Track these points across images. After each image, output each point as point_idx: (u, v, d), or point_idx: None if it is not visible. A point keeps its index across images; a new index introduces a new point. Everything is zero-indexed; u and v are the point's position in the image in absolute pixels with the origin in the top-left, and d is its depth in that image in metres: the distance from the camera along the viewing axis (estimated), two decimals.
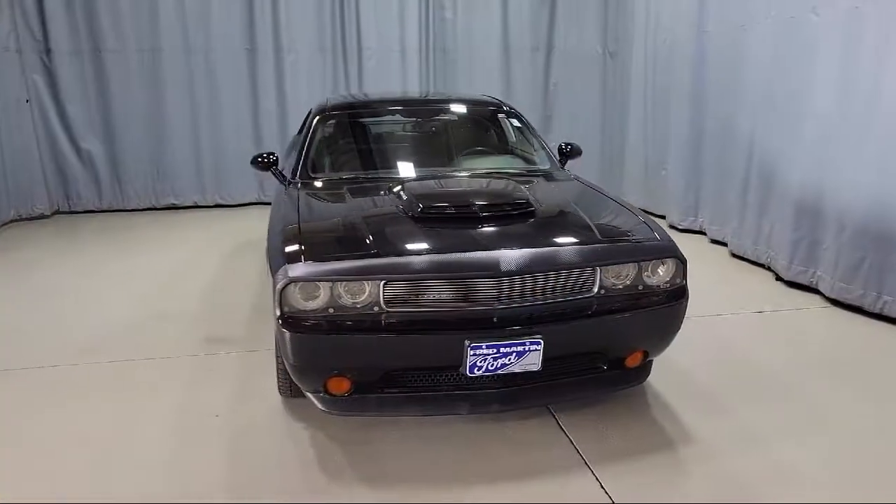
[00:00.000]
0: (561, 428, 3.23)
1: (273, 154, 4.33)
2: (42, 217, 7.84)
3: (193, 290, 5.28)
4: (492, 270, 2.89)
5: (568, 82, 8.68)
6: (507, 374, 2.95)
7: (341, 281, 2.87)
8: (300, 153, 4.27)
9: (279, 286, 2.84)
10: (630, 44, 7.75)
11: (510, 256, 2.93)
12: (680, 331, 3.24)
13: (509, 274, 2.89)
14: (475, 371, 2.90)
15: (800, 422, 3.31)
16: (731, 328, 4.44)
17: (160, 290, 5.30)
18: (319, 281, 2.86)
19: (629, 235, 3.26)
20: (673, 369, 3.78)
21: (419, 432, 3.22)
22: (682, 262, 3.18)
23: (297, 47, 8.24)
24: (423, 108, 4.89)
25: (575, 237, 3.17)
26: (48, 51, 7.66)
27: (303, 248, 2.99)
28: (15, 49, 7.46)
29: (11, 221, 7.53)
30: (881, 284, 4.38)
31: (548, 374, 3.05)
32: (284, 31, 8.15)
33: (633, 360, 3.22)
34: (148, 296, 5.18)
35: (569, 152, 4.66)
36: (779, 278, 5.31)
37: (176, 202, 8.40)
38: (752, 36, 5.63)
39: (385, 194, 3.70)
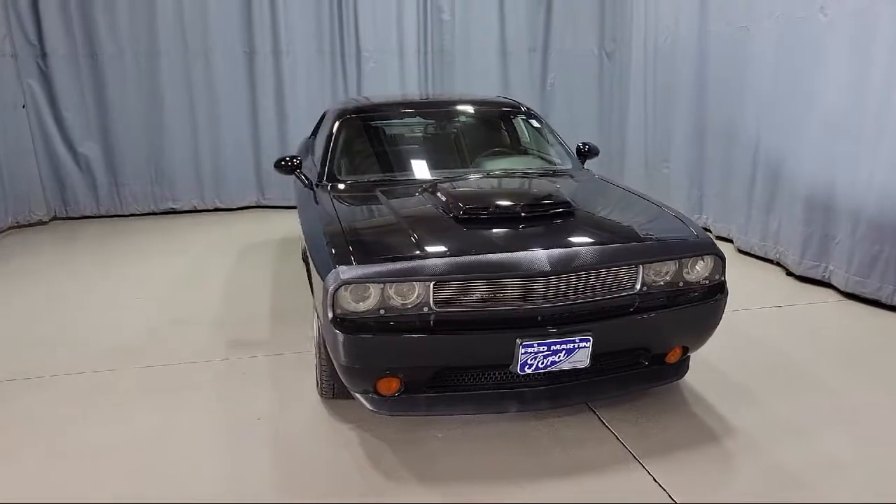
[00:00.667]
0: (604, 424, 3.28)
1: (296, 157, 4.33)
2: (40, 223, 7.72)
3: (206, 295, 5.25)
4: (539, 269, 2.92)
5: (565, 82, 8.74)
6: (555, 371, 2.99)
7: (393, 282, 2.89)
8: (326, 156, 4.27)
9: (331, 288, 2.85)
10: (628, 44, 7.83)
11: (557, 255, 2.97)
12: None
13: (556, 273, 2.93)
14: (525, 369, 2.94)
15: (834, 414, 3.39)
16: (751, 323, 4.52)
17: (172, 296, 5.27)
18: (371, 282, 2.88)
19: (668, 233, 3.31)
20: (701, 364, 3.84)
21: (465, 431, 3.24)
22: (720, 258, 3.24)
23: (296, 49, 8.20)
24: (444, 110, 4.91)
25: (617, 235, 3.22)
26: (44, 55, 7.56)
27: (351, 250, 3.01)
28: (10, 54, 7.35)
29: (10, 228, 7.41)
30: None
31: (593, 371, 3.10)
32: (283, 33, 8.11)
33: (673, 356, 3.28)
34: (162, 301, 5.14)
35: (587, 152, 4.71)
36: (789, 273, 5.42)
37: (175, 206, 8.32)
38: (756, 35, 5.72)
39: (420, 195, 3.72)
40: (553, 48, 8.72)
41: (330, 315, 2.88)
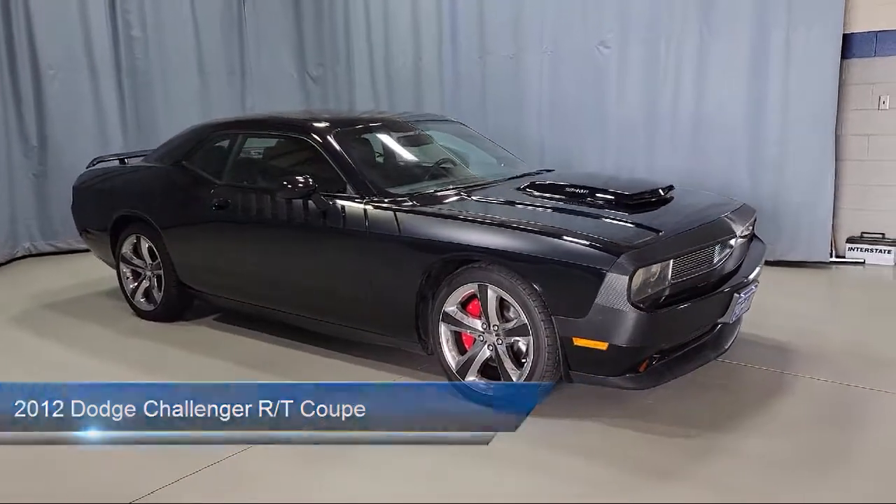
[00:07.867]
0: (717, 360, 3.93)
1: (310, 178, 3.80)
2: None
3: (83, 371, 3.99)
4: (730, 234, 3.55)
5: (266, 105, 8.47)
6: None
7: (668, 261, 3.16)
8: (352, 173, 3.86)
9: (627, 274, 3.00)
10: (346, 68, 8.03)
11: (731, 222, 3.63)
12: None
13: (735, 236, 3.59)
14: (733, 318, 3.50)
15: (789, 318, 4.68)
16: None
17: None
18: (657, 264, 3.12)
19: (729, 201, 4.15)
20: None
21: (658, 391, 3.46)
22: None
23: None
24: (417, 125, 4.76)
25: (721, 204, 3.96)
26: None
27: (617, 241, 3.16)
28: None
29: None
30: None
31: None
32: None
33: None
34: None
35: None
36: None
37: None
38: (526, 63, 6.80)
39: (528, 194, 3.82)
40: (250, 71, 8.44)
41: (627, 299, 3.00)
